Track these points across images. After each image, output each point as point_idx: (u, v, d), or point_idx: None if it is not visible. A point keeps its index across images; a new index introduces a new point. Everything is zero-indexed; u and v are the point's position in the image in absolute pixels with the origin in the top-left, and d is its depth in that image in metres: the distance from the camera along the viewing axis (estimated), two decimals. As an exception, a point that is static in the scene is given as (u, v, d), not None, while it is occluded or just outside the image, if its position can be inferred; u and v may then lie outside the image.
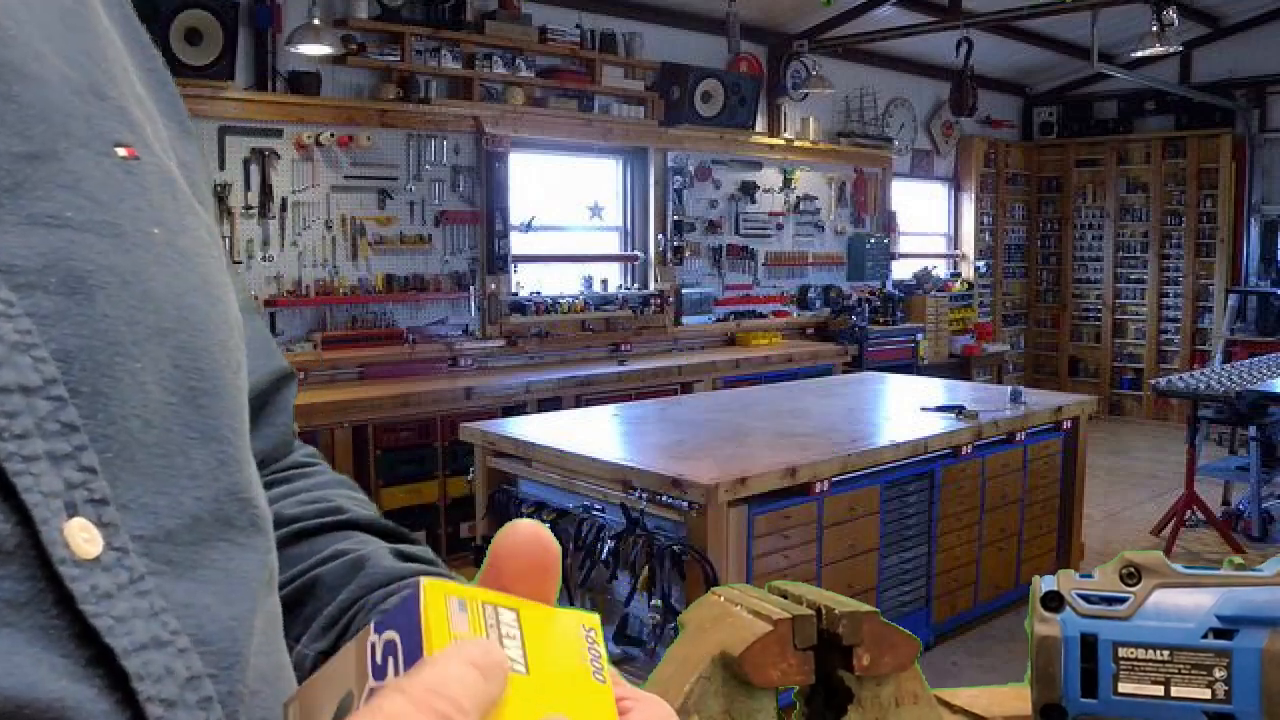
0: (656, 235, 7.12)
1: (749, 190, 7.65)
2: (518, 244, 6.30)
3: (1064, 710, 0.38)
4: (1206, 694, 0.35)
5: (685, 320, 7.23)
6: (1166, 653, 0.36)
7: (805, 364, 7.06)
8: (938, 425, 4.25)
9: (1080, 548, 5.16)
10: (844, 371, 7.14)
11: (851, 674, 0.61)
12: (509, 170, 6.16)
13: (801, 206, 8.08)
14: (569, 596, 3.89)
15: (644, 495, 3.48)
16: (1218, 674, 0.35)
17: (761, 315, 7.77)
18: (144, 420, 0.36)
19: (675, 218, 7.17)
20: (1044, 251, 10.40)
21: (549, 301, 6.43)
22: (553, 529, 0.95)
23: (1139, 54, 6.77)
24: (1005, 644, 4.40)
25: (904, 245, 9.25)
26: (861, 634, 0.60)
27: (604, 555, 3.69)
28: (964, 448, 4.27)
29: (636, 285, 7.11)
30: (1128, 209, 9.81)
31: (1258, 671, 0.34)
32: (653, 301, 7.00)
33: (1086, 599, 0.39)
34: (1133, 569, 0.37)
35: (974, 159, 9.62)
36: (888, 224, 8.84)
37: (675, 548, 3.49)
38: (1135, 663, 0.37)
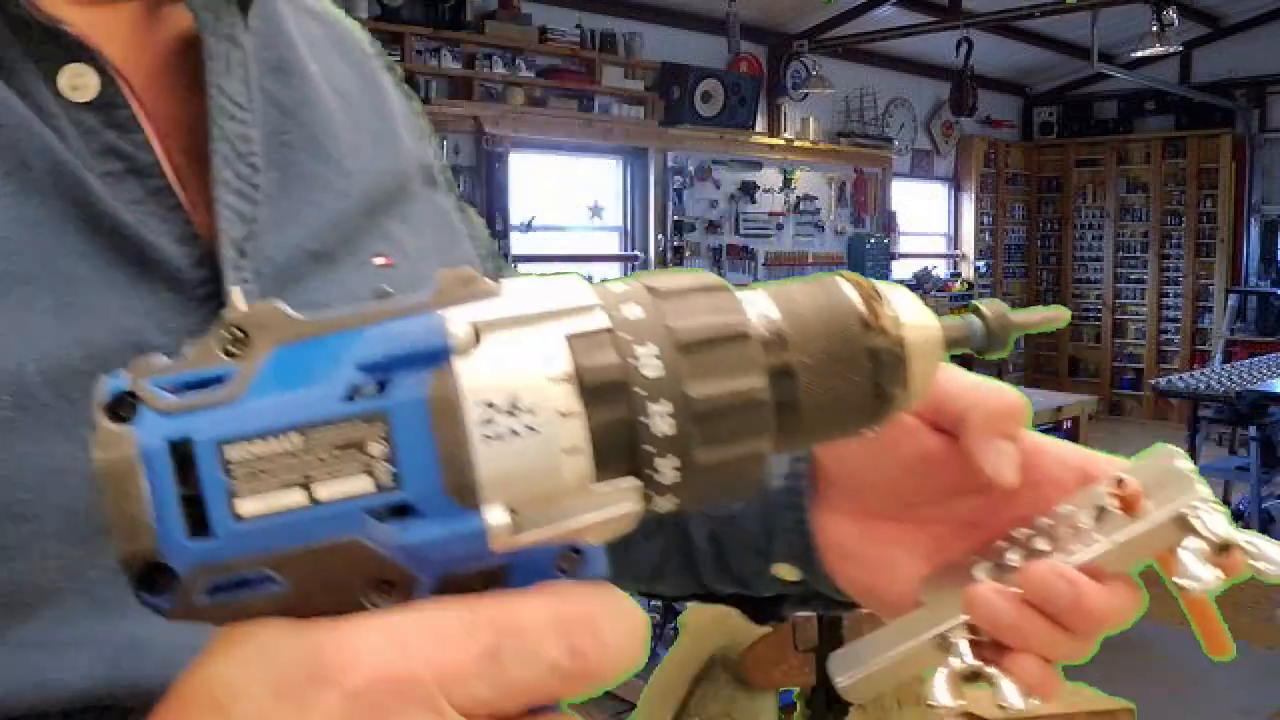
0: (656, 235, 7.12)
1: (749, 190, 7.65)
2: (518, 244, 6.30)
3: (167, 568, 0.25)
4: (366, 484, 0.25)
5: (685, 320, 7.23)
6: (298, 437, 0.25)
7: (805, 364, 7.06)
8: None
9: (1080, 548, 5.16)
10: (844, 371, 7.13)
11: (852, 675, 0.61)
12: (509, 170, 6.16)
13: (801, 206, 8.08)
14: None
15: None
16: (374, 449, 0.24)
17: (761, 315, 7.77)
18: None
19: (675, 218, 7.17)
20: (1044, 251, 10.40)
21: (549, 301, 6.42)
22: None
23: (1139, 54, 6.77)
24: (1005, 644, 4.40)
25: (904, 245, 9.24)
26: (862, 634, 0.60)
27: (604, 555, 3.69)
28: (964, 448, 4.26)
29: (636, 285, 7.10)
30: (1128, 209, 9.80)
31: (427, 428, 0.24)
32: (653, 301, 6.99)
33: (175, 389, 0.25)
34: (239, 330, 0.25)
35: (974, 159, 9.62)
36: (888, 224, 8.84)
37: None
38: (256, 465, 0.24)
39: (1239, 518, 5.95)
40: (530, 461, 0.25)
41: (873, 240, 8.48)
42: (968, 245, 9.81)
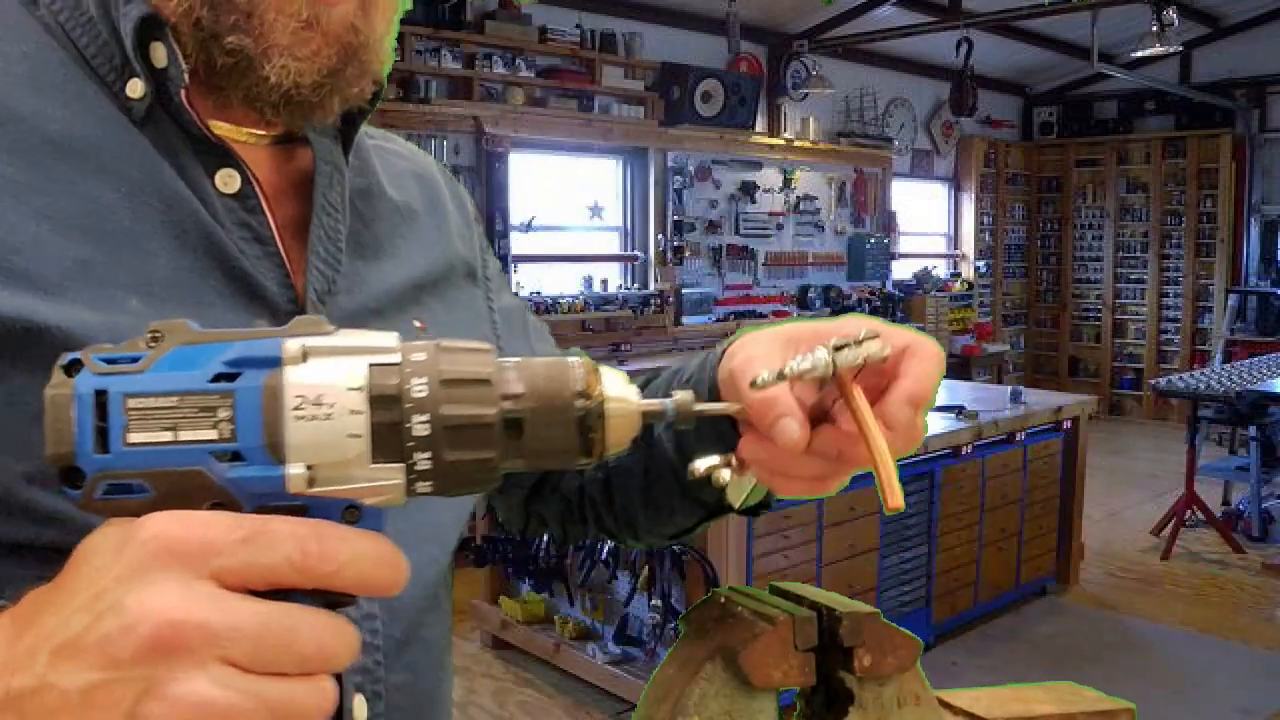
0: (656, 235, 7.12)
1: (749, 190, 7.65)
2: (518, 244, 6.30)
3: (79, 470, 0.39)
4: (213, 434, 0.37)
5: (685, 320, 7.23)
6: (175, 399, 0.38)
7: (805, 364, 7.05)
8: (938, 425, 4.24)
9: (1080, 548, 5.16)
10: (844, 371, 7.12)
11: (853, 675, 0.61)
12: (509, 170, 6.16)
13: (801, 206, 8.08)
14: (569, 596, 3.90)
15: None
16: (222, 414, 0.37)
17: (761, 315, 7.77)
18: None
19: (675, 218, 7.17)
20: (1044, 251, 10.40)
21: (549, 301, 6.42)
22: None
23: (1139, 54, 6.77)
24: (1005, 644, 4.41)
25: (904, 245, 9.24)
26: (863, 635, 0.60)
27: (604, 555, 3.69)
28: (964, 448, 4.26)
29: (636, 285, 7.10)
30: (1128, 209, 9.81)
31: (258, 406, 0.37)
32: (653, 301, 7.00)
33: (108, 361, 0.39)
34: (157, 333, 0.40)
35: (974, 159, 9.62)
36: (888, 224, 8.84)
37: (675, 548, 3.49)
38: (146, 412, 0.38)
39: (1239, 517, 5.95)
40: (324, 438, 0.38)
41: (873, 240, 8.48)
42: (968, 245, 9.81)
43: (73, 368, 0.39)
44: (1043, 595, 4.92)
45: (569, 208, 6.79)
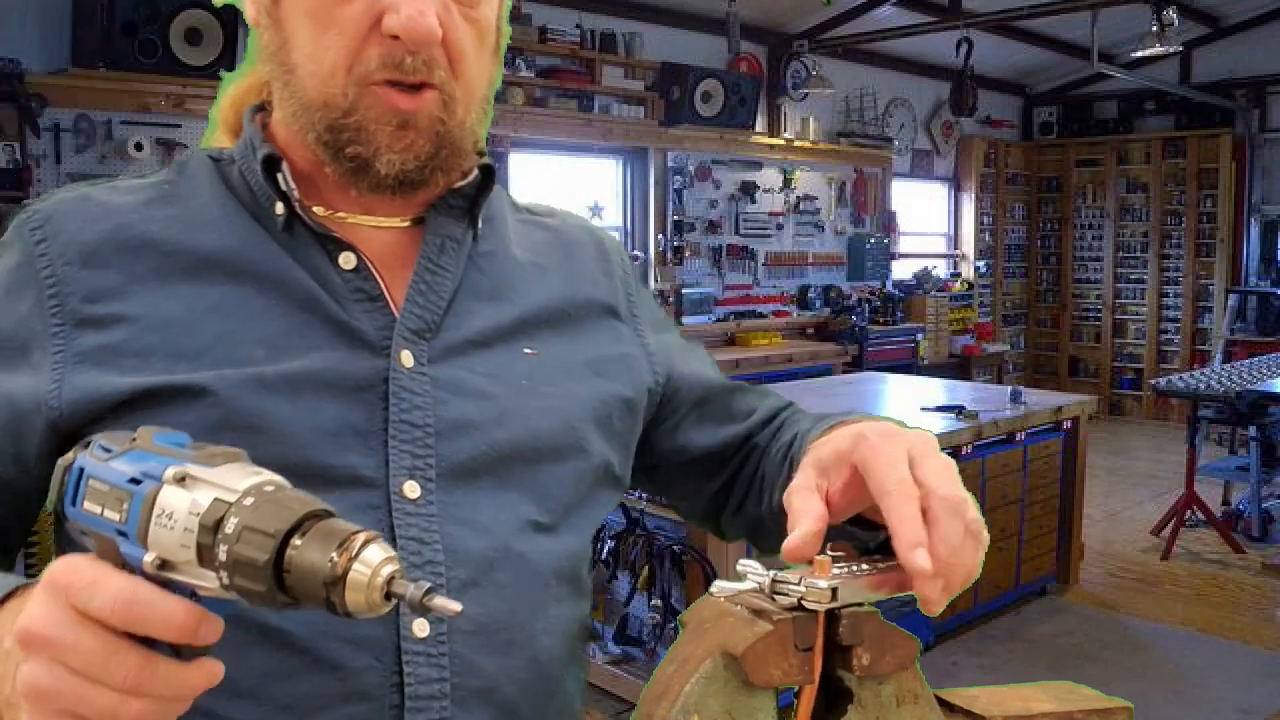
0: (656, 235, 7.12)
1: (749, 190, 7.65)
2: (518, 244, 6.29)
3: (64, 515, 0.57)
4: (117, 517, 0.52)
5: (685, 320, 7.23)
6: (108, 487, 0.54)
7: (805, 364, 7.06)
8: (938, 425, 4.24)
9: (1080, 548, 5.16)
10: (844, 371, 7.13)
11: (851, 674, 0.61)
12: (509, 170, 6.16)
13: (801, 206, 8.08)
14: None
15: (643, 494, 3.48)
16: (125, 506, 0.51)
17: (761, 315, 7.77)
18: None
19: (675, 218, 7.17)
20: (1044, 251, 10.40)
21: (549, 301, 6.42)
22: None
23: (1139, 54, 6.77)
24: (1005, 644, 4.41)
25: (904, 245, 9.24)
26: (862, 634, 0.60)
27: (604, 555, 3.70)
28: (964, 448, 4.27)
29: (636, 285, 7.09)
30: (1128, 209, 9.81)
31: (139, 508, 0.51)
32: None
33: (101, 447, 0.56)
34: (134, 437, 0.55)
35: (974, 159, 9.62)
36: (888, 224, 8.84)
37: (675, 547, 3.49)
38: (94, 491, 0.54)
39: (1239, 517, 5.95)
40: (167, 542, 0.51)
41: (873, 240, 8.48)
42: (968, 245, 9.81)
43: (81, 446, 0.57)
44: (1043, 595, 4.92)
45: (569, 208, 6.78)
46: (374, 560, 0.50)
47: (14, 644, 0.52)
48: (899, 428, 0.70)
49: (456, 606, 0.50)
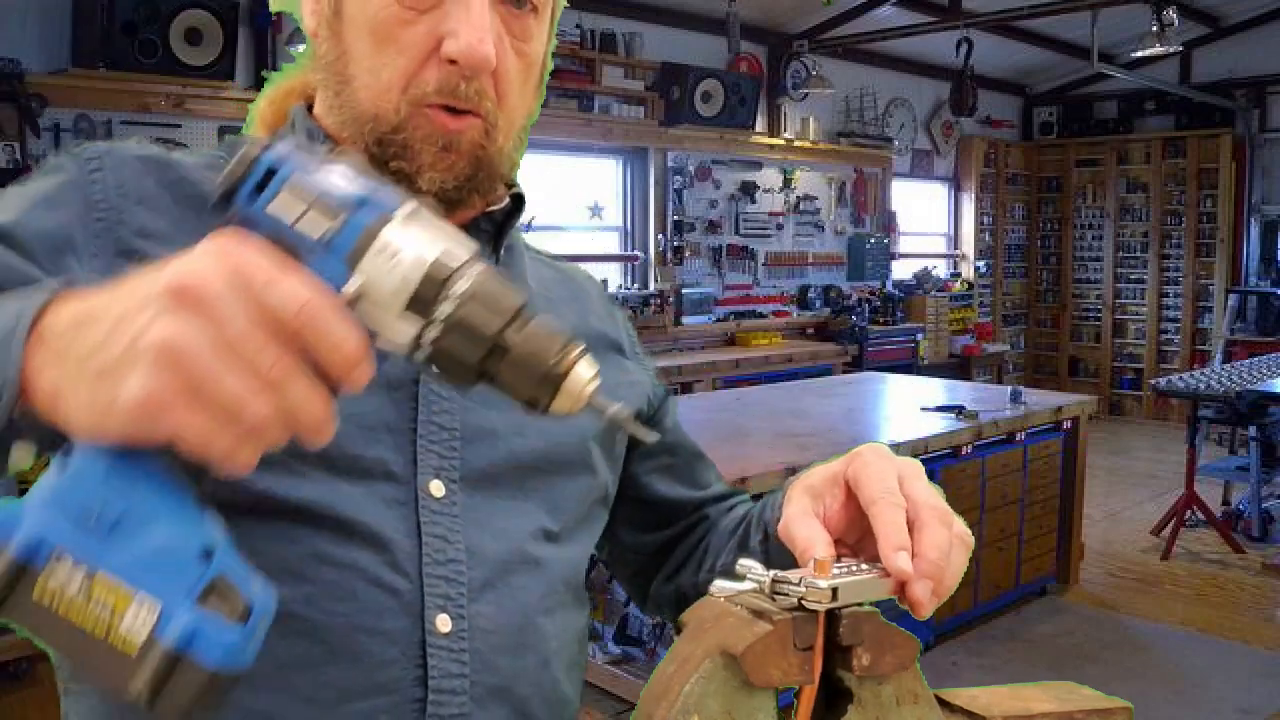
0: (656, 235, 7.12)
1: (749, 190, 7.65)
2: (518, 244, 6.29)
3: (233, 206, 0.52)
4: (331, 225, 0.50)
5: (685, 320, 7.23)
6: (316, 202, 0.50)
7: (805, 364, 7.06)
8: (938, 425, 4.24)
9: (1080, 548, 5.16)
10: (844, 371, 7.13)
11: (851, 674, 0.61)
12: (509, 170, 6.16)
13: (801, 206, 8.08)
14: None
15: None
16: (340, 219, 0.49)
17: (761, 315, 7.77)
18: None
19: (675, 218, 7.17)
20: (1044, 251, 10.40)
21: (549, 301, 6.42)
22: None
23: (1139, 54, 6.77)
24: (1005, 644, 4.41)
25: (904, 245, 9.24)
26: (862, 634, 0.60)
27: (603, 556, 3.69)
28: (964, 448, 4.26)
29: (636, 285, 7.11)
30: (1128, 209, 9.81)
31: (359, 232, 0.49)
32: (653, 301, 7.00)
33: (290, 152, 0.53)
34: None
35: (974, 159, 9.62)
36: (888, 224, 8.84)
37: (675, 548, 3.47)
38: (297, 191, 0.50)
39: (1239, 517, 5.95)
40: (381, 277, 0.48)
41: (873, 240, 8.48)
42: (968, 245, 9.81)
43: (258, 142, 0.53)
44: (1043, 595, 4.92)
45: (569, 208, 6.79)
46: (586, 374, 0.51)
47: (164, 291, 0.46)
48: (890, 452, 0.72)
49: (653, 436, 0.55)
